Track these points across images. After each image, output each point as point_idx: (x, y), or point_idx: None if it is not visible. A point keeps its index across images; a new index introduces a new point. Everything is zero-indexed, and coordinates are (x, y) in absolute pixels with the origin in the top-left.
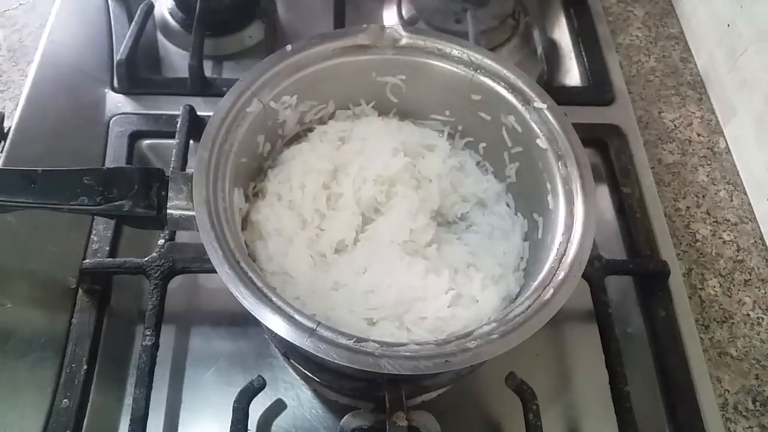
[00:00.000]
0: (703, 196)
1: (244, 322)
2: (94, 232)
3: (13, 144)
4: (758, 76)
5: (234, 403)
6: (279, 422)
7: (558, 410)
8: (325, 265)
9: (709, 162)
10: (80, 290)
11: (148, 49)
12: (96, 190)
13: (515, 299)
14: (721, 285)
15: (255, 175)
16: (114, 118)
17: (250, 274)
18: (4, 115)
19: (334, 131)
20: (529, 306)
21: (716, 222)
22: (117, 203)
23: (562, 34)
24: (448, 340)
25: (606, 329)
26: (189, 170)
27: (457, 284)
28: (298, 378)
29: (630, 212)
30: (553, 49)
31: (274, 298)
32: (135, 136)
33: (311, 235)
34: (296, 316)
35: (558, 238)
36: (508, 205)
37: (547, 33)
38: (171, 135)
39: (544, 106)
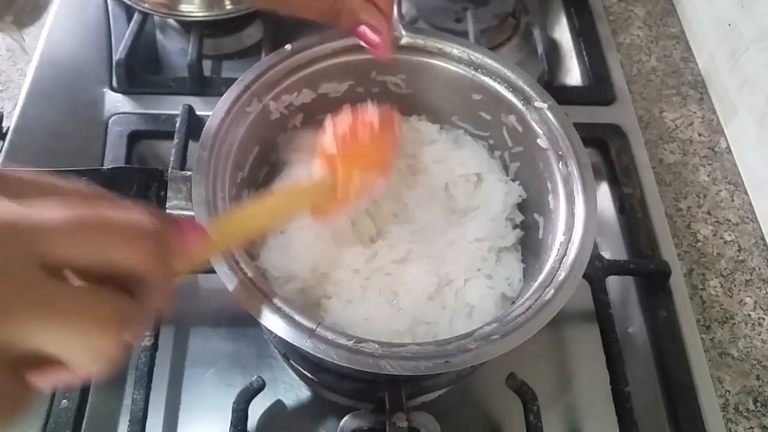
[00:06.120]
0: (704, 196)
1: (244, 322)
2: None
3: (11, 144)
4: (759, 75)
5: (233, 404)
6: (278, 423)
7: (559, 411)
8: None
9: (710, 162)
10: None
11: (147, 49)
12: None
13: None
14: (722, 285)
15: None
16: (113, 118)
17: (250, 274)
18: (2, 115)
19: None
20: (530, 306)
21: (717, 222)
22: None
23: (562, 33)
24: (449, 341)
25: (607, 329)
26: (188, 170)
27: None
28: (297, 379)
29: (631, 212)
30: (553, 49)
31: (273, 299)
32: (134, 136)
33: None
34: (296, 317)
35: (559, 238)
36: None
37: (547, 32)
38: (170, 135)
39: (545, 105)
